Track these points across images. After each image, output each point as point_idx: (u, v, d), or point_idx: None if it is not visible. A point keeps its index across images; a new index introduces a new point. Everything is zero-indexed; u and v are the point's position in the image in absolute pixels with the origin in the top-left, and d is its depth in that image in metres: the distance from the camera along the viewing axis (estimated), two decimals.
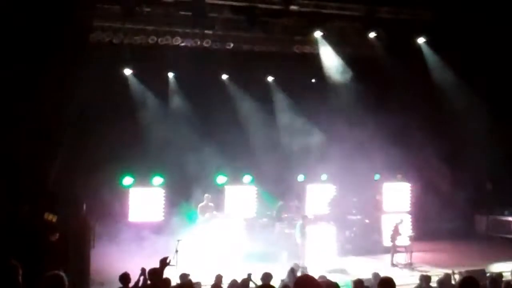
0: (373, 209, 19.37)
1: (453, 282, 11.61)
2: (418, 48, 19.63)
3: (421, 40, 19.60)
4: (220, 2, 17.05)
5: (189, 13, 17.21)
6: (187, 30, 17.79)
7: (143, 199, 18.46)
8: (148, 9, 16.89)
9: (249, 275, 10.98)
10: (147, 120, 18.73)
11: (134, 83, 19.17)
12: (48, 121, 11.25)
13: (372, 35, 18.97)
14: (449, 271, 13.01)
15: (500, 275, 12.30)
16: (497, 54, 18.17)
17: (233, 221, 17.36)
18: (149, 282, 9.84)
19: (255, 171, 19.06)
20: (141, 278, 10.00)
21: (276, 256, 16.81)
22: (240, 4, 17.04)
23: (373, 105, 19.92)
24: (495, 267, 14.50)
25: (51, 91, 10.86)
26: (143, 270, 10.10)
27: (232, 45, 18.55)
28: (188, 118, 18.95)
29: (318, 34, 18.62)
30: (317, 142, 19.20)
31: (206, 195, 17.63)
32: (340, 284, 7.96)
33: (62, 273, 5.23)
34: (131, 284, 9.96)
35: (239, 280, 10.98)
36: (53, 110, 11.33)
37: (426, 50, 19.69)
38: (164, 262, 7.70)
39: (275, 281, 10.70)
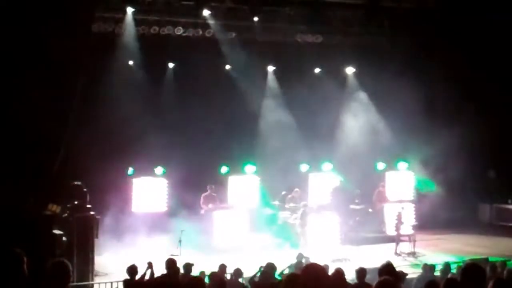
0: (377, 200, 19.36)
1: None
2: (421, 36, 19.58)
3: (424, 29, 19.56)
4: None
5: (191, 3, 17.17)
6: (189, 20, 17.76)
7: (146, 189, 18.47)
8: None
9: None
10: (149, 110, 18.70)
11: (137, 73, 19.14)
12: (51, 115, 11.25)
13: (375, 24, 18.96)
14: (452, 261, 13.05)
15: (503, 263, 12.30)
16: (503, 40, 18.13)
17: (237, 211, 17.39)
18: (148, 272, 9.95)
19: (258, 161, 19.04)
20: (148, 271, 10.05)
21: (279, 246, 16.85)
22: None
23: (376, 92, 19.93)
24: None
25: (51, 86, 10.85)
26: (150, 264, 10.15)
27: (234, 34, 18.51)
28: (191, 109, 18.92)
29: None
30: (319, 132, 19.19)
31: (209, 185, 17.65)
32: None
33: (66, 261, 5.26)
34: (138, 276, 10.02)
35: (243, 270, 11.01)
36: (56, 103, 11.32)
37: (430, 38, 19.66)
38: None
39: (279, 271, 10.72)
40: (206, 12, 17.46)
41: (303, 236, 16.44)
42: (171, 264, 9.61)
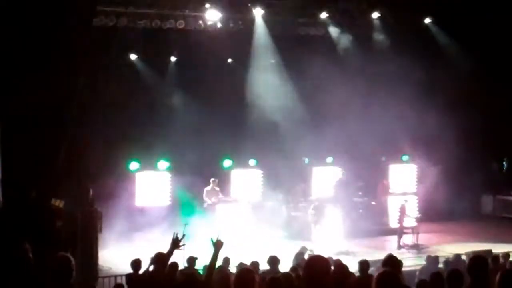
0: (380, 193, 19.36)
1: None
2: (424, 28, 19.53)
3: (427, 20, 19.54)
4: None
5: None
6: (191, 14, 17.72)
7: (150, 183, 18.48)
8: None
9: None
10: (152, 104, 18.71)
11: (139, 67, 19.13)
12: (54, 108, 11.25)
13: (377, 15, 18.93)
14: (456, 252, 13.05)
15: (506, 254, 12.29)
16: (507, 31, 18.08)
17: (239, 204, 17.40)
18: (152, 267, 9.90)
19: (261, 155, 19.05)
20: (151, 267, 9.99)
21: (283, 239, 16.86)
22: None
23: (378, 84, 19.89)
24: None
25: (53, 81, 10.84)
26: (153, 259, 10.08)
27: (235, 27, 18.46)
28: (193, 102, 18.92)
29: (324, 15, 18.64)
30: (322, 125, 19.15)
31: (212, 179, 17.64)
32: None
33: (69, 256, 5.27)
34: (141, 271, 9.98)
35: (247, 263, 11.00)
36: (58, 98, 11.32)
37: (433, 29, 19.61)
38: (176, 243, 7.34)
39: (282, 265, 10.72)
40: (208, 6, 17.42)
41: (314, 229, 16.39)
42: (158, 258, 9.50)
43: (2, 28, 10.37)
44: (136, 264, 9.91)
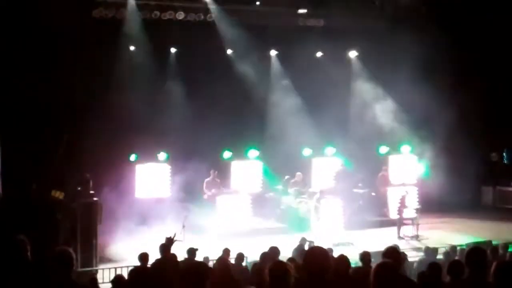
0: (380, 184, 19.34)
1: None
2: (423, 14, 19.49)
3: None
4: None
5: None
6: (190, 5, 17.67)
7: (150, 175, 18.45)
8: None
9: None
10: (151, 95, 18.66)
11: (139, 58, 19.06)
12: (54, 100, 11.26)
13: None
14: (456, 243, 13.08)
15: (505, 245, 12.29)
16: (506, 24, 18.03)
17: (240, 196, 17.40)
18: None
19: (261, 146, 19.02)
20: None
21: (283, 230, 16.87)
22: None
23: (378, 76, 19.86)
24: None
25: (53, 74, 10.84)
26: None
27: (235, 19, 18.41)
28: (192, 93, 18.88)
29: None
30: (322, 116, 19.13)
31: (212, 170, 17.65)
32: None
33: (70, 249, 5.28)
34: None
35: (246, 254, 11.02)
36: (59, 88, 11.32)
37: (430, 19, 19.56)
38: (170, 240, 7.44)
39: (283, 256, 10.74)
40: None
41: (317, 221, 16.40)
42: (163, 249, 9.49)
43: (2, 27, 10.37)
44: (143, 257, 9.84)
